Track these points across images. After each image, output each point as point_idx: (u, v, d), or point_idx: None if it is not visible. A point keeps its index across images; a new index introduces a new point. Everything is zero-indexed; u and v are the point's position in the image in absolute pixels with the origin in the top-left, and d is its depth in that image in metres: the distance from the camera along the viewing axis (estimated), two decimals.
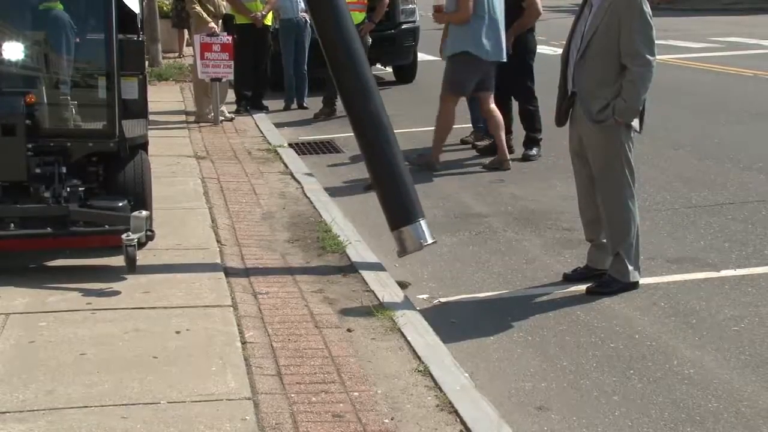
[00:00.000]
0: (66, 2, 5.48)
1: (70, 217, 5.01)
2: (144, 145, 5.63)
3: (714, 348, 4.43)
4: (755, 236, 6.08)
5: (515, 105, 8.81)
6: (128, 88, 5.42)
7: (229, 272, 5.24)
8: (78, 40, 5.45)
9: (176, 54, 17.01)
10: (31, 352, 4.12)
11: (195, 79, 10.54)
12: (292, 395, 3.76)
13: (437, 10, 8.29)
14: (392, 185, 5.40)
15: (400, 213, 5.36)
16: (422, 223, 5.35)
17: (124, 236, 4.79)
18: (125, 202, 5.17)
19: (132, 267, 4.82)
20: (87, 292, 4.82)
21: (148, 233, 5.01)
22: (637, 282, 5.15)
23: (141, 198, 5.34)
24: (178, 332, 4.35)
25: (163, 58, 15.52)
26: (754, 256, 5.69)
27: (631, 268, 5.10)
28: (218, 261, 5.42)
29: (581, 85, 5.03)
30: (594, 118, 4.97)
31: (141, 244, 4.93)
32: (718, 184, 7.40)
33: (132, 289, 4.87)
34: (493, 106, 8.26)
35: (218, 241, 5.82)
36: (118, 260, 5.00)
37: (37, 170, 5.13)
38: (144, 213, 4.98)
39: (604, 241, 5.25)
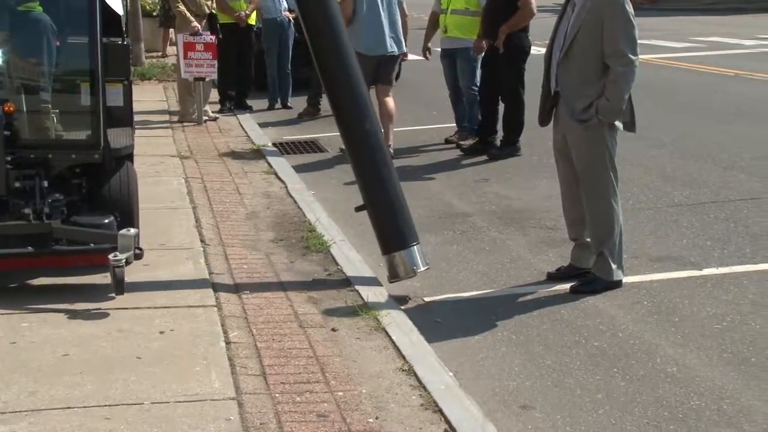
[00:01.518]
0: (46, 3, 5.19)
1: (53, 234, 4.70)
2: (130, 156, 5.35)
3: (696, 346, 4.46)
4: (737, 235, 6.12)
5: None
6: (113, 94, 5.15)
7: (213, 272, 5.22)
8: (59, 43, 5.14)
9: (159, 53, 16.94)
10: (13, 353, 4.09)
11: (179, 79, 10.50)
12: (277, 395, 3.75)
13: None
14: (386, 208, 5.19)
15: (394, 237, 5.15)
16: (416, 248, 5.18)
17: (111, 256, 4.50)
18: (111, 218, 4.88)
19: (120, 289, 4.54)
20: (70, 292, 4.79)
21: (137, 252, 4.71)
22: (621, 281, 5.18)
23: (128, 213, 5.05)
24: (161, 332, 4.33)
25: (146, 57, 15.46)
26: (736, 255, 5.74)
27: (614, 266, 5.13)
28: (202, 261, 5.40)
29: (565, 84, 5.05)
30: (577, 117, 5.00)
31: (128, 263, 4.64)
32: (700, 183, 7.45)
33: None
34: (386, 98, 8.61)
35: (202, 241, 5.80)
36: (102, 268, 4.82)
37: (17, 184, 4.80)
38: (132, 231, 4.69)
39: (588, 240, 5.27)
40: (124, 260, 4.51)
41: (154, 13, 16.89)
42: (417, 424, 3.58)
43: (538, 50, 9.10)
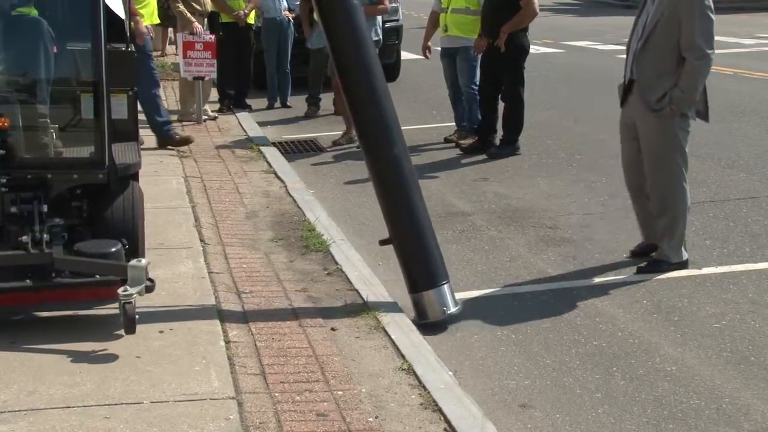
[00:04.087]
0: (42, 7, 4.78)
1: (54, 266, 4.19)
2: (135, 175, 4.82)
3: (696, 345, 4.46)
4: (736, 234, 6.12)
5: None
6: (116, 106, 4.68)
7: (213, 271, 5.22)
8: (56, 50, 4.67)
9: (159, 52, 16.93)
10: (12, 352, 4.09)
11: (181, 78, 10.51)
12: (276, 394, 3.75)
13: None
14: (416, 243, 4.77)
15: (422, 275, 4.74)
16: (446, 287, 4.75)
17: (120, 291, 4.01)
18: (119, 246, 4.32)
19: (131, 327, 4.03)
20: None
21: (148, 284, 4.16)
22: (688, 260, 5.40)
23: (135, 239, 4.53)
24: (161, 332, 4.33)
25: None
26: (735, 254, 5.74)
27: (680, 247, 5.38)
28: (201, 260, 5.40)
29: (641, 75, 5.24)
30: (652, 107, 5.19)
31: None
32: (700, 182, 7.44)
33: None
34: None
35: (201, 240, 5.80)
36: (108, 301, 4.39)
37: (13, 209, 4.30)
38: (144, 261, 4.16)
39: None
40: (135, 295, 4.04)
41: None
42: (416, 423, 3.58)
43: (537, 50, 9.11)
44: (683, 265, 5.38)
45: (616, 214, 6.65)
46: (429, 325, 4.65)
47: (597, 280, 5.38)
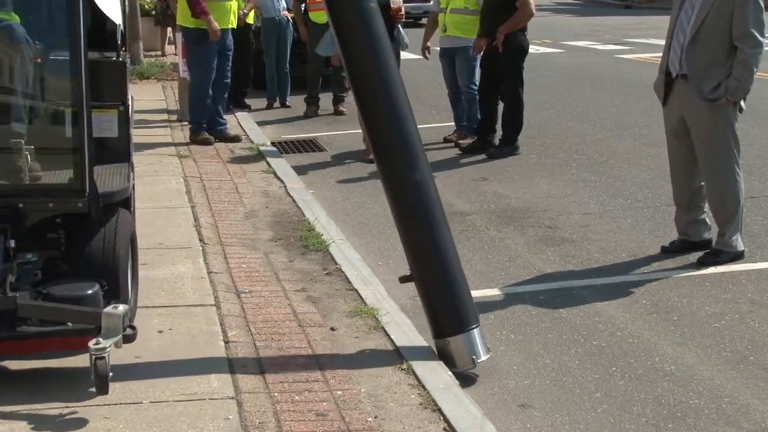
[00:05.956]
0: (24, 12, 4.19)
1: (19, 313, 3.59)
2: (126, 202, 4.21)
3: (695, 345, 4.46)
4: None
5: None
6: (105, 123, 4.19)
7: (212, 271, 5.22)
8: (40, 60, 4.14)
9: (158, 52, 16.94)
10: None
11: (180, 78, 10.49)
12: (276, 394, 3.75)
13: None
14: (441, 280, 4.22)
15: (448, 318, 4.19)
16: (476, 332, 4.20)
17: (91, 344, 3.41)
18: (96, 289, 3.73)
19: (103, 387, 3.43)
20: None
21: (127, 333, 3.57)
22: (744, 251, 5.48)
23: (117, 279, 3.90)
24: (160, 331, 4.33)
25: (145, 56, 15.46)
26: None
27: (738, 237, 5.45)
28: (201, 260, 5.40)
29: (693, 67, 5.32)
30: (707, 97, 5.26)
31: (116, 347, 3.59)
32: None
33: None
34: None
35: (201, 240, 5.80)
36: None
37: None
38: (121, 308, 3.54)
39: (701, 217, 5.62)
40: (108, 348, 3.44)
41: (153, 12, 16.88)
42: (416, 423, 3.58)
43: (537, 50, 9.10)
44: (740, 255, 5.49)
45: (615, 214, 6.65)
46: (456, 374, 4.09)
47: (596, 279, 5.39)
